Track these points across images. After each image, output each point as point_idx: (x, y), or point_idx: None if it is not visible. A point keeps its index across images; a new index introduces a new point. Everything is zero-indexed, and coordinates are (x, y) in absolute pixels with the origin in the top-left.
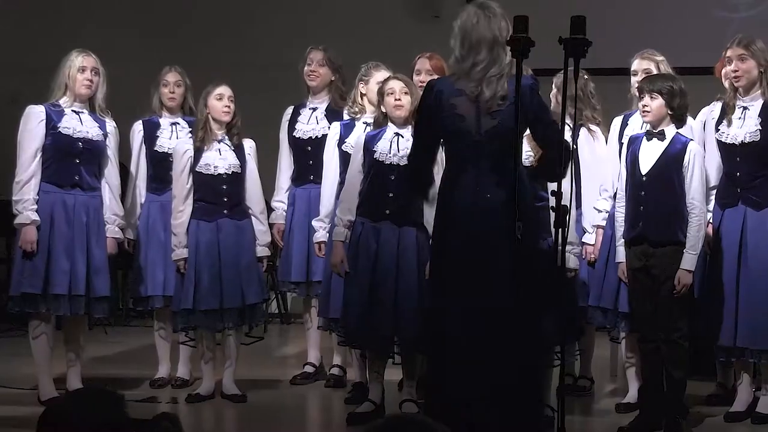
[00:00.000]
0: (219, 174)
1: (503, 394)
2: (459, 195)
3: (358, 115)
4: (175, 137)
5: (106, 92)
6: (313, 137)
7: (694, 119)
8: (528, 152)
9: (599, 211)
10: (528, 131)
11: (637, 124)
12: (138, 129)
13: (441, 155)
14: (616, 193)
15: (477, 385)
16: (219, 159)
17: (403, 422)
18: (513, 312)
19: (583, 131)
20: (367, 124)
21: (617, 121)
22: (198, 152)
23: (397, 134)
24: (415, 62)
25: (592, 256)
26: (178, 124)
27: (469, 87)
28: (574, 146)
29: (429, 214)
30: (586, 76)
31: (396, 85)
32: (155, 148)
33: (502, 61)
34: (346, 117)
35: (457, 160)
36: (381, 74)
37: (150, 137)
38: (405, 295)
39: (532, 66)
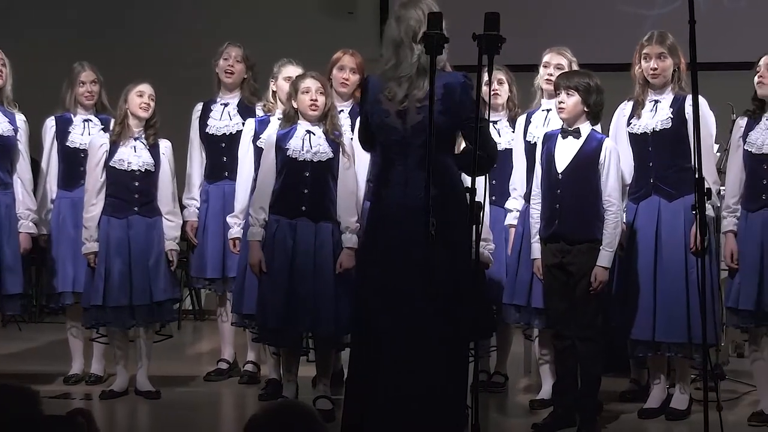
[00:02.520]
0: (132, 170)
1: (426, 392)
2: (388, 192)
3: (272, 112)
4: (87, 133)
5: (14, 84)
6: (227, 133)
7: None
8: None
9: (510, 210)
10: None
11: (540, 121)
12: (50, 125)
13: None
14: (528, 191)
15: (401, 384)
16: (133, 156)
17: (285, 408)
18: (440, 310)
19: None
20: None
21: (521, 120)
22: (113, 147)
23: (309, 132)
24: (337, 58)
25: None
26: (91, 120)
27: (389, 86)
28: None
29: (341, 207)
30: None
31: (312, 84)
32: (67, 144)
33: (406, 62)
34: (259, 113)
35: (386, 157)
36: (288, 70)
37: (62, 133)
38: (322, 292)
39: (449, 63)
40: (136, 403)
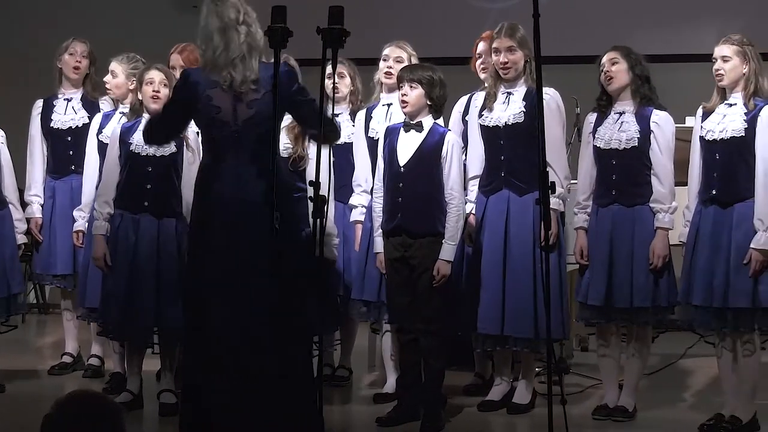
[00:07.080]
0: None
1: (265, 388)
2: (219, 187)
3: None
4: None
5: None
6: (73, 127)
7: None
8: (286, 143)
9: (355, 207)
10: (287, 122)
11: (382, 117)
12: None
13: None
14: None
15: (236, 380)
16: None
17: (81, 397)
18: (273, 305)
19: None
20: (123, 114)
21: (361, 116)
22: None
23: None
24: (168, 58)
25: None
26: None
27: (221, 76)
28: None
29: (187, 202)
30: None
31: (156, 76)
32: None
33: (234, 43)
34: (103, 107)
35: (215, 152)
36: (112, 64)
37: None
38: (165, 286)
39: (293, 56)
40: None
